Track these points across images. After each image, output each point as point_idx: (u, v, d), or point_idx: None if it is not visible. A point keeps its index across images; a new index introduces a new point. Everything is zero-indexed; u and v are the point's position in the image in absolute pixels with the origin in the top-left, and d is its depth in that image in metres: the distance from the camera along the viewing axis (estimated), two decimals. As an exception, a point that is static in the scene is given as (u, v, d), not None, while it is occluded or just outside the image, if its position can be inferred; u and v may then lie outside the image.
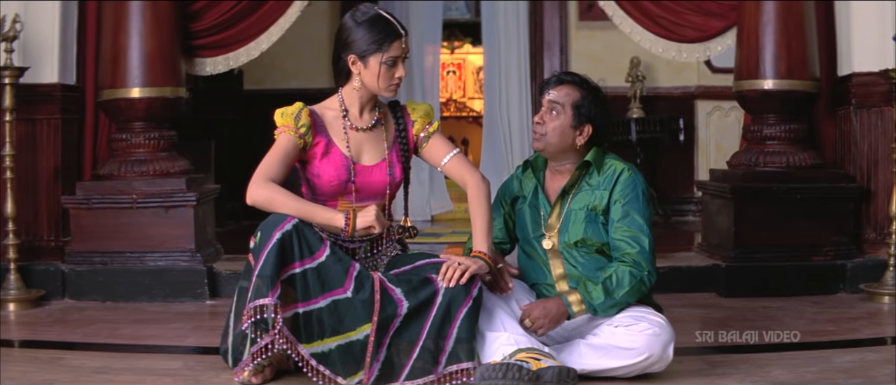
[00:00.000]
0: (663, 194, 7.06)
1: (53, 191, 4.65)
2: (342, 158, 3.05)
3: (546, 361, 2.78)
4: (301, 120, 3.01)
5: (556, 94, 3.10)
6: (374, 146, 3.11)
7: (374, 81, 3.03)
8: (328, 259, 2.87)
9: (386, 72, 3.02)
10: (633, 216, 3.03)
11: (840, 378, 3.04)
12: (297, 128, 3.00)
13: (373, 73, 3.02)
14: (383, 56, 3.00)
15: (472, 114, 9.56)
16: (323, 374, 2.84)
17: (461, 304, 2.86)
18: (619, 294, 2.97)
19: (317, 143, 3.05)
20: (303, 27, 5.66)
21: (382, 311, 2.85)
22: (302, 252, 2.84)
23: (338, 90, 3.14)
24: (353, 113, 3.11)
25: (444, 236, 6.39)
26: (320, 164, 3.04)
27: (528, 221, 3.18)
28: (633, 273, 2.98)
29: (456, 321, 2.86)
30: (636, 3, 4.98)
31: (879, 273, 4.43)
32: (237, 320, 2.97)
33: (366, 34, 2.99)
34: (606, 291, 2.97)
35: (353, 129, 3.09)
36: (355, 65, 3.03)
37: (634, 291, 2.99)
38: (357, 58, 3.02)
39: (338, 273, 2.86)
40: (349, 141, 3.07)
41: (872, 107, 4.69)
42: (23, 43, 4.43)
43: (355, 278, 2.87)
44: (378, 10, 3.05)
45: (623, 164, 3.11)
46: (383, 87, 3.04)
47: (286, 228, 2.82)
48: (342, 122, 3.09)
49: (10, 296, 4.31)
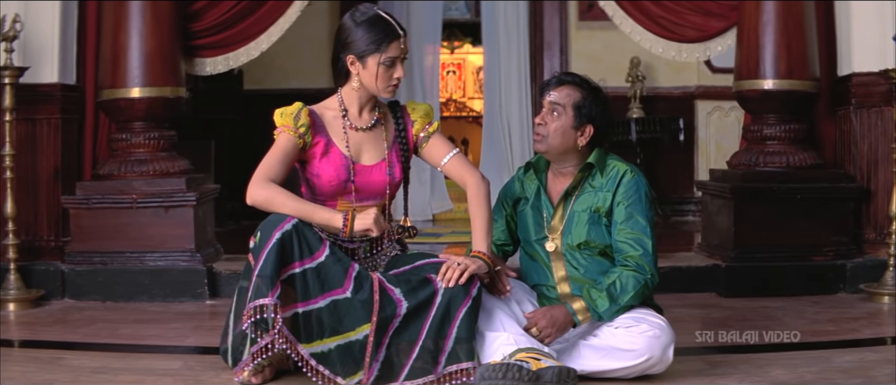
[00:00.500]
0: (663, 194, 7.06)
1: (53, 191, 4.65)
2: (342, 158, 3.05)
3: (546, 361, 2.78)
4: (300, 120, 3.01)
5: (557, 95, 3.09)
6: (373, 146, 3.11)
7: (373, 82, 3.03)
8: (327, 259, 2.86)
9: (384, 72, 3.01)
10: (637, 218, 3.03)
11: (840, 378, 3.04)
12: (297, 128, 3.00)
13: (371, 74, 3.01)
14: (381, 56, 2.99)
15: (472, 114, 9.57)
16: (322, 374, 2.84)
17: (460, 304, 2.86)
18: (624, 299, 2.97)
19: (316, 142, 3.05)
20: (303, 27, 5.66)
21: (382, 311, 2.85)
22: (302, 252, 2.84)
23: (337, 90, 3.14)
24: (353, 113, 3.11)
25: (444, 236, 6.39)
26: (320, 164, 3.04)
27: (530, 223, 3.18)
28: (637, 277, 2.98)
29: (455, 321, 2.85)
30: (636, 3, 4.98)
31: (879, 273, 4.43)
32: (237, 320, 2.97)
33: (364, 34, 2.99)
34: (611, 298, 2.96)
35: (352, 128, 3.09)
36: (354, 65, 3.03)
37: (638, 295, 3.00)
38: (356, 58, 3.01)
39: (337, 273, 2.86)
40: (349, 141, 3.07)
41: (872, 107, 4.69)
42: (23, 43, 4.43)
43: (354, 279, 2.87)
44: (377, 10, 3.05)
45: (626, 166, 3.10)
46: (381, 87, 3.04)
47: (286, 228, 2.82)
48: (342, 122, 3.09)
49: (10, 296, 4.31)
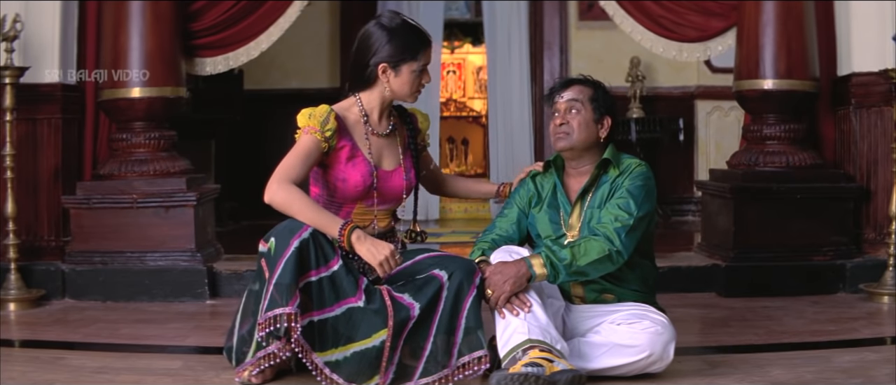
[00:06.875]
0: (663, 194, 7.00)
1: (54, 191, 4.65)
2: (366, 164, 3.07)
3: (559, 363, 2.78)
4: (329, 124, 3.01)
5: (572, 93, 3.14)
6: (391, 152, 3.15)
7: (404, 88, 3.07)
8: (340, 268, 2.87)
9: (415, 79, 3.08)
10: (628, 199, 3.03)
11: (840, 378, 3.04)
12: (324, 131, 3.00)
13: (404, 81, 3.06)
14: (416, 64, 3.05)
15: (472, 114, 9.56)
16: (336, 381, 2.84)
17: (466, 294, 2.88)
18: (584, 262, 2.94)
19: (341, 147, 3.05)
20: (303, 27, 5.67)
21: (396, 314, 2.86)
22: (317, 261, 2.84)
23: (349, 94, 3.14)
24: (374, 119, 3.13)
25: (444, 236, 6.39)
26: (346, 169, 3.05)
27: (547, 221, 3.18)
28: (602, 246, 2.95)
29: (463, 312, 2.87)
30: (637, 3, 4.98)
31: (879, 273, 4.44)
32: (243, 321, 2.99)
33: (399, 42, 3.03)
34: (572, 255, 2.94)
35: (374, 134, 3.12)
36: (386, 72, 3.05)
37: (600, 263, 2.96)
38: (388, 65, 3.04)
39: (350, 282, 2.87)
40: (371, 147, 3.10)
41: (872, 107, 4.69)
42: (23, 43, 4.43)
43: (365, 290, 2.88)
44: (404, 17, 3.09)
45: (638, 161, 3.15)
46: (411, 92, 3.10)
47: (304, 237, 2.82)
48: (363, 127, 3.11)
49: (11, 296, 4.32)
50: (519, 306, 2.88)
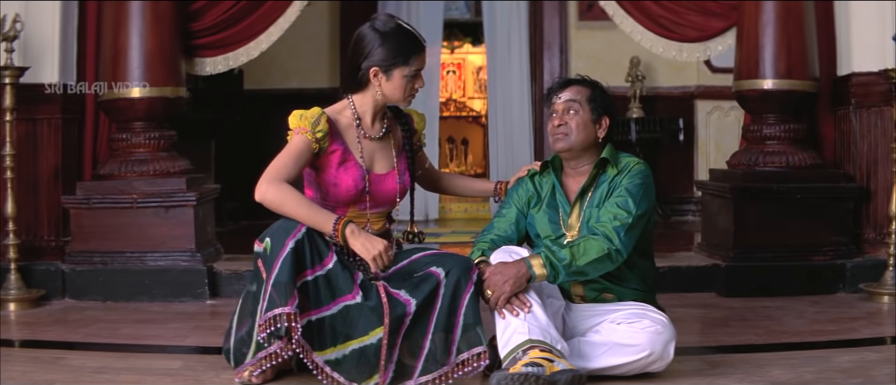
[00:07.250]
0: (663, 194, 7.05)
1: (54, 191, 4.65)
2: (358, 168, 3.06)
3: (559, 363, 2.78)
4: (319, 125, 3.01)
5: (569, 94, 3.13)
6: (384, 155, 3.13)
7: (396, 93, 3.06)
8: (335, 266, 2.87)
9: (407, 84, 3.05)
10: (626, 197, 3.03)
11: (840, 378, 3.04)
12: (314, 132, 3.00)
13: (395, 85, 3.04)
14: (408, 69, 3.03)
15: (471, 114, 9.57)
16: (337, 380, 2.84)
17: (464, 290, 2.88)
18: (584, 261, 2.94)
19: (333, 150, 3.05)
20: (303, 27, 5.68)
21: (392, 311, 2.86)
22: (313, 259, 2.85)
23: (342, 96, 3.14)
24: (366, 122, 3.12)
25: (444, 236, 6.39)
26: (337, 174, 3.04)
27: (546, 221, 3.18)
28: (601, 245, 2.95)
29: (461, 309, 2.87)
30: (637, 3, 4.99)
31: (879, 273, 4.44)
32: (240, 322, 2.99)
33: (391, 46, 3.01)
34: (572, 255, 2.94)
35: (366, 138, 3.10)
36: (377, 76, 3.04)
37: (600, 262, 2.96)
38: (379, 69, 3.03)
39: (345, 279, 2.87)
40: (363, 150, 3.09)
41: (872, 107, 4.69)
42: (23, 43, 4.43)
43: (361, 286, 2.88)
44: (399, 21, 3.08)
45: (636, 159, 3.15)
46: (403, 97, 3.08)
47: (299, 236, 2.82)
48: (355, 131, 3.10)
49: (11, 296, 4.32)
50: (519, 307, 2.89)
